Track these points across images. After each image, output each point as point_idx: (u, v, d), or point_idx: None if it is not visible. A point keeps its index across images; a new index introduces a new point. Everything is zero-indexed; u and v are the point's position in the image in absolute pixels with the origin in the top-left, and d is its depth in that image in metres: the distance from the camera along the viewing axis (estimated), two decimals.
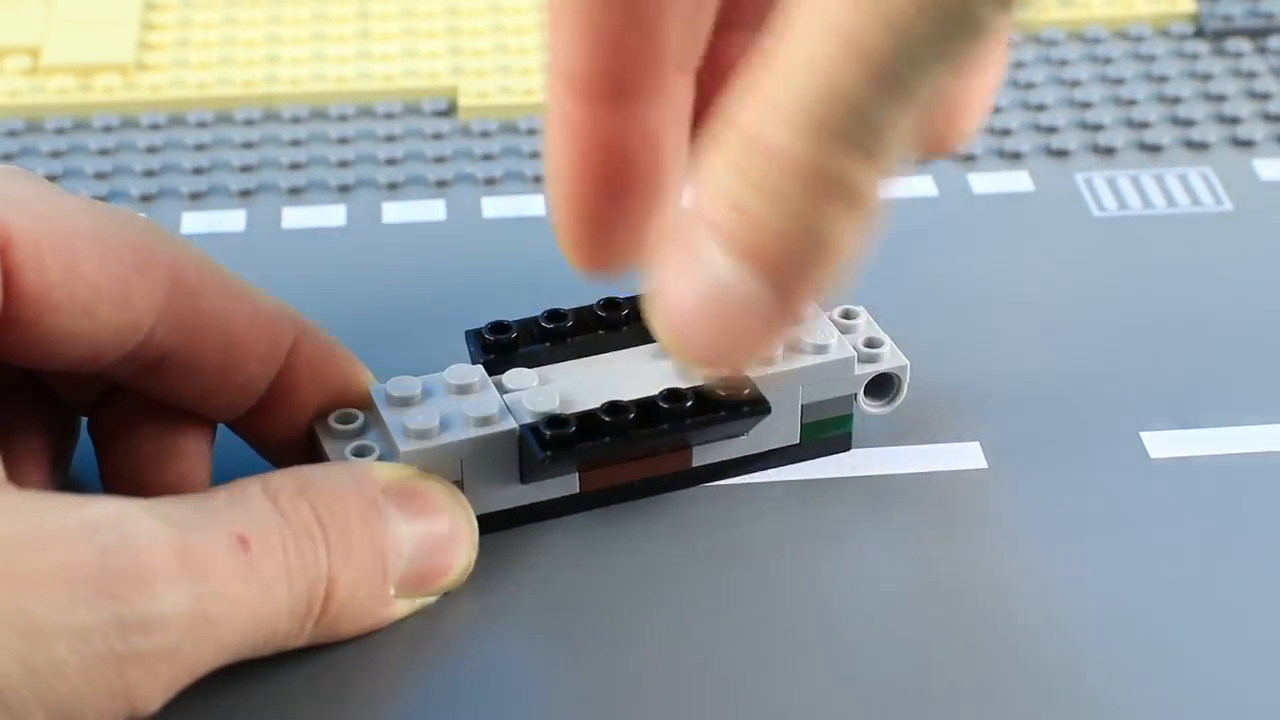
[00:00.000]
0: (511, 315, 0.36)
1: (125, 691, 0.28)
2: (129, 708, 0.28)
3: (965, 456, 0.38)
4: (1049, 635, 0.33)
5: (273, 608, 0.30)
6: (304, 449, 0.35)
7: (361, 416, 0.35)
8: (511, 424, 0.34)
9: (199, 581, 0.29)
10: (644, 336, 0.36)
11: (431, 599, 0.33)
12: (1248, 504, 0.36)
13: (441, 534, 0.33)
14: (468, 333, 0.36)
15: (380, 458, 0.34)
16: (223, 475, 0.33)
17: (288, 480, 0.31)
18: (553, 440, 0.34)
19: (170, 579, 0.28)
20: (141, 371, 0.33)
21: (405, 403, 0.34)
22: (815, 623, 0.33)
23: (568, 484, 0.35)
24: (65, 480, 0.36)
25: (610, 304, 0.37)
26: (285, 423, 0.35)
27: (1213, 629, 0.33)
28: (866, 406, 0.37)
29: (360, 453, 0.34)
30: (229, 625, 0.29)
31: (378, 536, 0.32)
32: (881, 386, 0.37)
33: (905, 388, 0.37)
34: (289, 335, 0.34)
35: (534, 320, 0.36)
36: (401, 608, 0.33)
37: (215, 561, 0.29)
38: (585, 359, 0.36)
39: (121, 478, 0.34)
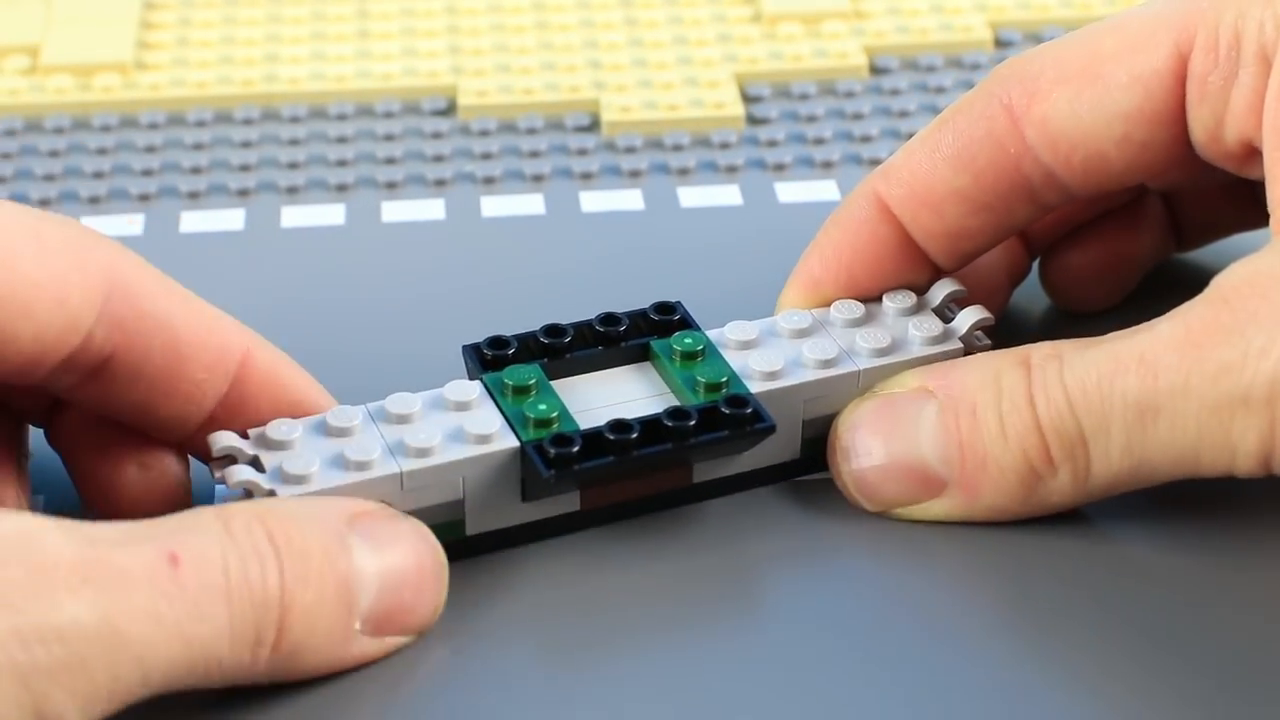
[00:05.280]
0: (510, 314, 0.36)
1: (34, 704, 0.28)
2: None
3: None
4: (1052, 637, 0.33)
5: (208, 627, 0.29)
6: None
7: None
8: (513, 442, 0.34)
9: (105, 594, 0.28)
10: (640, 353, 0.36)
11: (403, 640, 0.33)
12: (1247, 504, 0.36)
13: (410, 571, 0.32)
14: (465, 348, 0.36)
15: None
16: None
17: (247, 507, 0.31)
18: (557, 459, 0.33)
19: (72, 591, 0.28)
20: (85, 379, 0.33)
21: (404, 419, 0.34)
22: (818, 637, 0.33)
23: (568, 501, 0.35)
24: (22, 490, 0.35)
25: (609, 319, 0.36)
26: None
27: (1213, 628, 0.33)
28: None
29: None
30: (151, 643, 0.29)
31: (341, 567, 0.31)
32: None
33: None
34: (239, 346, 0.33)
35: (532, 335, 0.36)
36: (371, 647, 0.32)
37: (126, 575, 0.29)
38: (583, 375, 0.36)
39: (92, 482, 0.34)
